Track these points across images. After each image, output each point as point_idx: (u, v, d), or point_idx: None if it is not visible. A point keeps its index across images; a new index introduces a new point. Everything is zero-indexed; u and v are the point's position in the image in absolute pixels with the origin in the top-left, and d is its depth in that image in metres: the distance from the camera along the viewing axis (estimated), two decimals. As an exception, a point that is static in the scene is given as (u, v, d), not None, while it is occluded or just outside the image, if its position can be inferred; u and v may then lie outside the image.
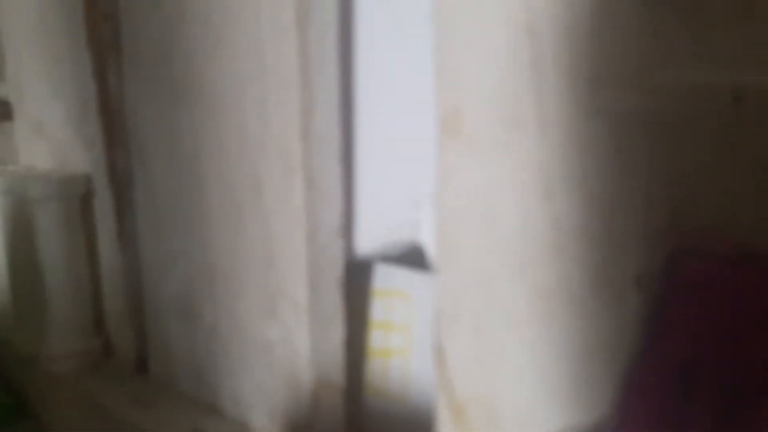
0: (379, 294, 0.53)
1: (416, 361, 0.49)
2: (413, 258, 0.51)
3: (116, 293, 0.73)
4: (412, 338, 0.49)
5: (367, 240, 0.50)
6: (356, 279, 0.54)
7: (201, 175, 0.56)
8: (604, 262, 0.32)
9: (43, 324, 0.75)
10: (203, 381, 0.61)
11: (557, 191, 0.34)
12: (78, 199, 0.73)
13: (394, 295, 0.51)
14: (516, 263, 0.35)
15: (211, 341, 0.59)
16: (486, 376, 0.37)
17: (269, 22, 0.46)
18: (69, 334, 0.75)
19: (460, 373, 0.38)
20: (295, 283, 0.48)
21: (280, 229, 0.49)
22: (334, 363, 0.49)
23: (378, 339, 0.52)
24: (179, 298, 0.64)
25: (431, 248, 0.41)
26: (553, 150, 0.34)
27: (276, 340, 0.51)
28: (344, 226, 0.47)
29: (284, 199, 0.46)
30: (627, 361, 0.30)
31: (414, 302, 0.49)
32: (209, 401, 0.61)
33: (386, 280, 0.52)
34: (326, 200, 0.46)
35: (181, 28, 0.54)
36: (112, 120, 0.69)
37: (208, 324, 0.59)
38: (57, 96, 0.74)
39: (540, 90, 0.34)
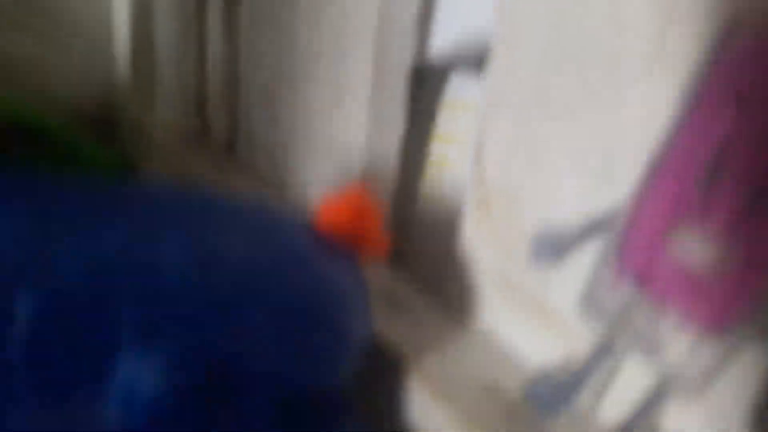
0: (448, 105, 0.53)
1: (466, 172, 0.50)
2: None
3: (217, 79, 0.78)
4: (467, 150, 0.50)
5: (445, 43, 0.49)
6: (429, 86, 0.54)
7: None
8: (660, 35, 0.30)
9: (154, 95, 0.82)
10: (278, 163, 0.66)
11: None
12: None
13: (461, 107, 0.51)
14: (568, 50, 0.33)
15: (286, 128, 0.63)
16: (516, 169, 0.37)
17: None
18: (174, 107, 0.82)
19: (492, 167, 0.38)
20: (360, 77, 0.49)
21: (353, 24, 0.49)
22: (389, 160, 0.51)
23: (438, 149, 0.53)
24: (265, 90, 0.67)
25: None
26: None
27: (337, 130, 0.53)
28: (419, 21, 0.47)
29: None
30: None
31: (476, 114, 0.49)
32: (280, 181, 0.66)
33: (457, 90, 0.52)
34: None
35: None
36: None
37: (286, 113, 0.62)
38: None
39: None
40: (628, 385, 0.33)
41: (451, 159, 0.52)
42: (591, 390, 0.34)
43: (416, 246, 0.51)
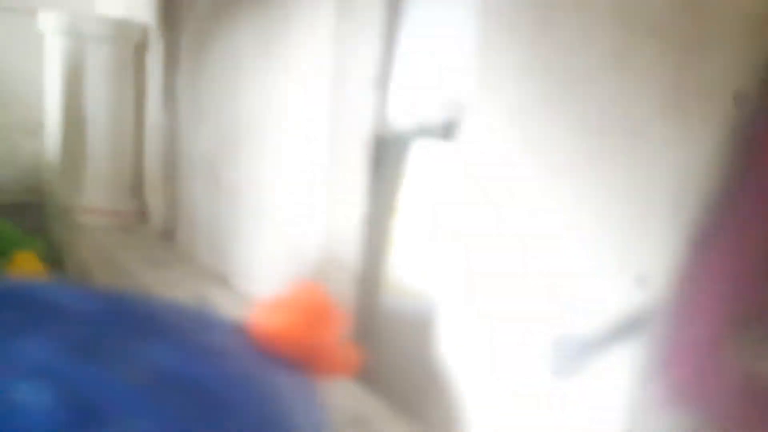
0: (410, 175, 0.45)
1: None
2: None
3: (156, 154, 0.70)
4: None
5: (404, 110, 0.42)
6: (389, 156, 0.47)
7: (236, 19, 0.50)
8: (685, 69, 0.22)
9: (83, 177, 0.73)
10: (219, 251, 0.57)
11: None
12: (132, 46, 0.69)
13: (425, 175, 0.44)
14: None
15: (230, 208, 0.54)
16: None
17: None
18: (107, 190, 0.73)
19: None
20: (315, 146, 0.41)
21: (304, 73, 0.42)
22: (349, 244, 0.43)
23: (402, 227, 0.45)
24: (206, 159, 0.59)
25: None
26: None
27: (289, 210, 0.45)
28: (380, 76, 0.40)
29: (312, 28, 0.39)
30: (697, 206, 0.21)
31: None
32: (223, 272, 0.57)
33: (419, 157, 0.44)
34: (361, 33, 0.38)
35: None
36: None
37: (229, 188, 0.54)
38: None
39: None
40: None
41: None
42: None
43: (387, 351, 0.42)
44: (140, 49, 0.69)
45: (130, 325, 0.21)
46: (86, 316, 0.20)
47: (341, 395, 0.35)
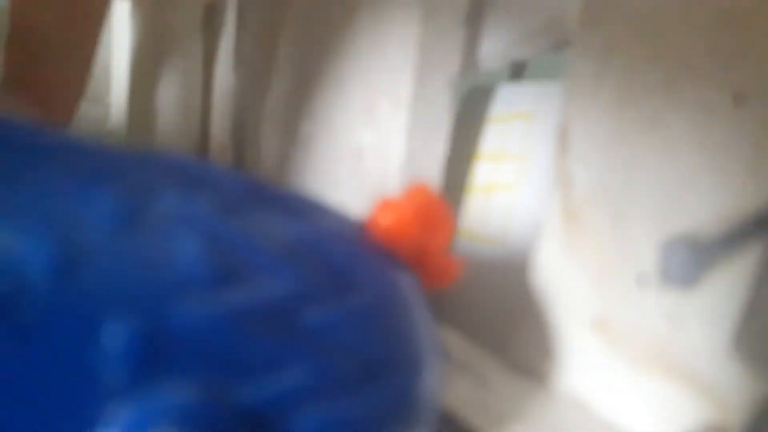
0: (496, 120, 0.45)
1: (525, 195, 0.41)
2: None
3: (224, 115, 0.71)
4: (525, 168, 0.41)
5: (495, 50, 0.42)
6: (474, 102, 0.47)
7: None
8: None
9: (148, 140, 0.75)
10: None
11: None
12: (201, 8, 0.70)
13: (513, 118, 0.43)
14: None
15: (304, 160, 0.55)
16: (619, 168, 0.28)
17: None
18: (175, 147, 0.75)
19: (587, 163, 0.29)
20: (398, 76, 0.41)
21: (393, 27, 0.42)
22: (430, 179, 0.43)
23: (484, 172, 0.45)
24: (278, 116, 0.60)
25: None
26: None
27: (369, 144, 0.45)
28: (472, 13, 0.40)
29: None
30: None
31: (537, 123, 0.41)
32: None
33: (507, 101, 0.44)
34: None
35: None
36: None
37: (304, 136, 0.54)
38: None
39: None
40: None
41: (503, 182, 0.44)
42: None
43: (467, 292, 0.42)
44: (210, 12, 0.70)
45: (266, 201, 0.22)
46: (229, 189, 0.21)
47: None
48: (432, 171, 0.44)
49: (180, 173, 0.20)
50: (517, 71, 0.46)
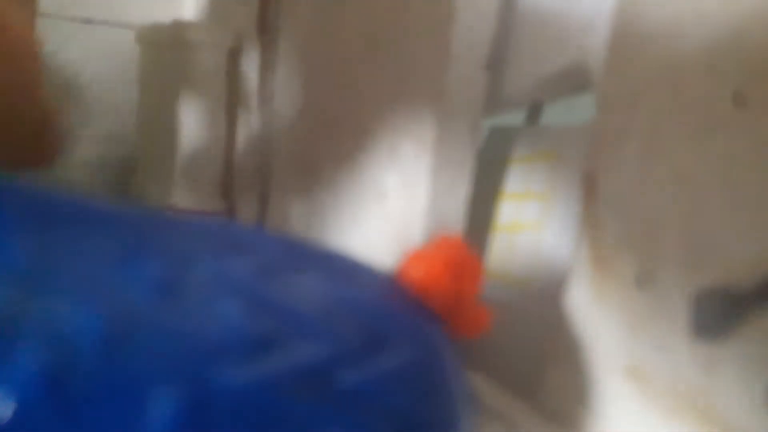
0: (519, 161, 0.45)
1: (551, 234, 0.41)
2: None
3: (247, 155, 0.72)
4: (550, 207, 0.41)
5: (519, 88, 0.43)
6: (497, 143, 0.47)
7: (343, 20, 0.52)
8: None
9: (172, 180, 0.76)
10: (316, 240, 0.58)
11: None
12: (226, 51, 0.72)
13: (536, 159, 0.43)
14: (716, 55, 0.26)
15: (330, 196, 0.55)
16: (648, 217, 0.28)
17: None
18: (196, 192, 0.76)
19: (616, 208, 0.29)
20: (422, 118, 0.42)
21: (418, 67, 0.43)
22: (454, 220, 0.43)
23: (508, 212, 0.45)
24: (302, 156, 0.61)
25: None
26: None
27: (393, 186, 0.45)
28: (495, 58, 0.40)
29: (427, 19, 0.40)
30: None
31: (560, 163, 0.41)
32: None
33: (530, 144, 0.44)
34: (476, 23, 0.39)
35: None
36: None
37: (328, 178, 0.55)
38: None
39: None
40: None
41: (527, 221, 0.44)
42: None
43: (495, 336, 0.42)
44: (234, 54, 0.72)
45: (302, 261, 0.22)
46: (266, 250, 0.21)
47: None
48: (456, 212, 0.44)
49: (218, 237, 0.20)
50: (538, 112, 0.46)
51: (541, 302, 0.40)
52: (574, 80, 0.38)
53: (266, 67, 0.67)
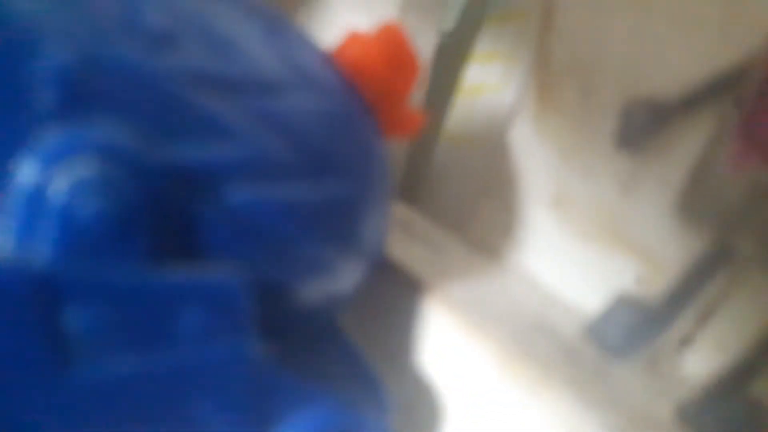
0: (493, 19, 0.44)
1: (510, 96, 0.41)
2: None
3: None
4: (513, 67, 0.41)
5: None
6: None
7: None
8: None
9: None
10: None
11: None
12: None
13: (511, 18, 0.43)
14: None
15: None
16: (594, 40, 0.28)
17: None
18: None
19: (567, 37, 0.29)
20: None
21: None
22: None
23: (473, 74, 0.44)
24: None
25: None
26: None
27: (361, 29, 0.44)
28: None
29: None
30: None
31: (531, 23, 0.40)
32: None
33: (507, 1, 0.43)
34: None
35: None
36: None
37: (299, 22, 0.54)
38: None
39: None
40: (742, 316, 0.24)
41: (490, 84, 0.43)
42: (681, 326, 0.25)
43: (441, 187, 0.42)
44: None
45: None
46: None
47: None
48: (422, 60, 0.43)
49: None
50: None
51: (488, 149, 0.40)
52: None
53: None
